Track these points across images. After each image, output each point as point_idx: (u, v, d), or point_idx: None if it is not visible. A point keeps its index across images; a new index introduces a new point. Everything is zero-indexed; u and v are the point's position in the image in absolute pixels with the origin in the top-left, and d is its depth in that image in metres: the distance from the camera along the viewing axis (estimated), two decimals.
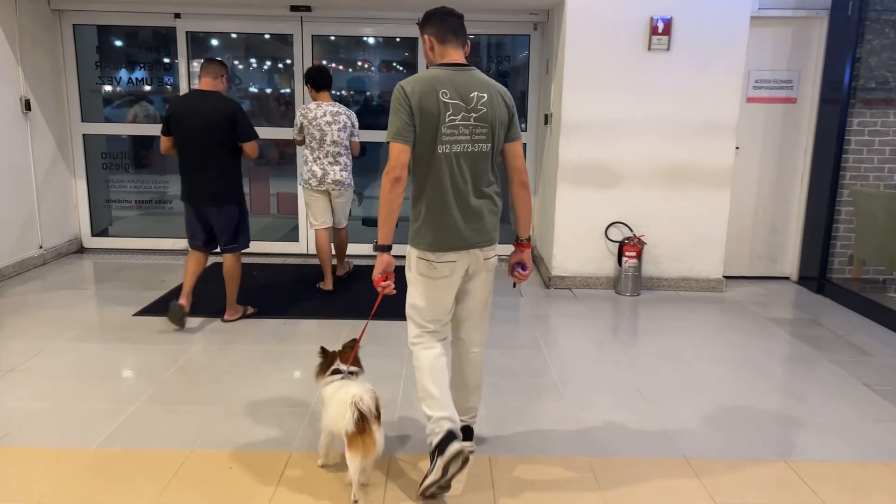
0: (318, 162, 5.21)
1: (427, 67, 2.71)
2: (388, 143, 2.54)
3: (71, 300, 5.17)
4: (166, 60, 6.69)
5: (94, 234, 6.82)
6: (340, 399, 2.53)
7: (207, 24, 6.46)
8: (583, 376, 3.91)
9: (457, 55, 2.66)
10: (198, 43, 6.66)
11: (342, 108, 5.25)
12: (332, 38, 6.81)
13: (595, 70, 5.40)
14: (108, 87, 6.78)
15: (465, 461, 2.49)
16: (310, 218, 5.48)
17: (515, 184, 2.77)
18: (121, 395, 3.55)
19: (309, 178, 5.26)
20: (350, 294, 5.46)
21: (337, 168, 5.24)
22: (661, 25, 5.30)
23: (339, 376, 2.66)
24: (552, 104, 5.90)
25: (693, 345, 4.46)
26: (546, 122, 5.98)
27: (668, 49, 5.34)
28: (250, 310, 4.95)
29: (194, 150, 4.37)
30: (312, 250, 6.22)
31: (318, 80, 5.23)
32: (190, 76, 6.50)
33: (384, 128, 2.60)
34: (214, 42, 6.85)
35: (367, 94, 7.32)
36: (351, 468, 2.48)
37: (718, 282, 5.70)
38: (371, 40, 6.77)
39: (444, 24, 2.66)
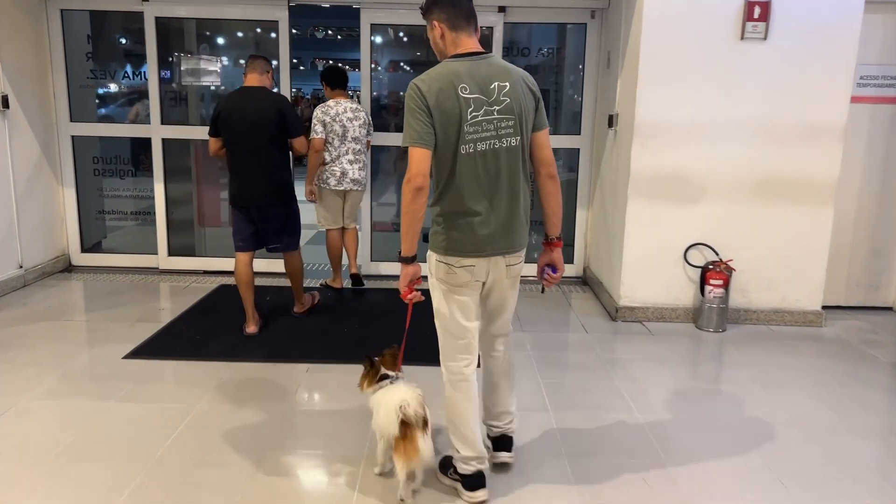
0: (339, 161, 5.09)
1: (439, 59, 2.50)
2: (405, 148, 2.34)
3: (51, 335, 4.32)
4: (170, 53, 5.85)
5: (84, 250, 5.98)
6: (388, 404, 2.49)
7: (176, 8, 5.59)
8: (693, 452, 3.04)
9: (471, 42, 2.47)
10: (175, 34, 5.82)
11: (359, 106, 5.26)
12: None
13: (676, 63, 4.52)
14: (106, 83, 5.94)
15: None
16: (320, 218, 5.34)
17: (543, 177, 2.57)
18: (94, 492, 2.68)
19: (328, 177, 5.14)
20: (377, 320, 4.59)
21: (356, 167, 5.19)
22: (757, 10, 4.42)
23: (388, 381, 2.61)
24: (618, 103, 5.02)
25: (815, 403, 3.58)
26: (610, 125, 5.10)
27: (764, 38, 4.46)
28: (317, 297, 4.99)
29: (246, 150, 4.22)
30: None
31: (335, 79, 5.22)
32: (159, 70, 5.61)
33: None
34: (193, 31, 6.02)
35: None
36: (397, 470, 2.48)
37: (817, 315, 4.81)
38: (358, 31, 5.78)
39: (455, 7, 2.45)
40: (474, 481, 2.57)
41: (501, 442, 2.80)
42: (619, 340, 4.49)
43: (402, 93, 6.05)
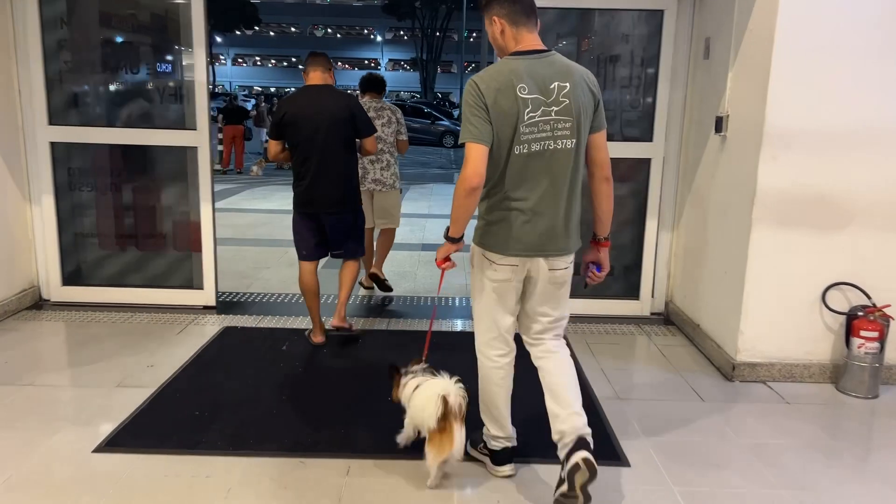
0: (359, 160, 4.61)
1: (498, 56, 2.51)
2: (462, 144, 2.35)
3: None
4: (169, 44, 4.80)
5: (60, 283, 4.88)
6: (426, 392, 2.55)
7: None
8: None
9: (532, 39, 2.44)
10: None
11: (386, 104, 5.22)
12: None
13: (823, 52, 3.47)
14: (85, 78, 4.87)
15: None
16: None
17: (598, 179, 2.56)
18: None
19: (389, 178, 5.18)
20: None
21: (378, 167, 5.11)
22: None
23: (412, 374, 2.69)
24: (728, 102, 3.97)
25: None
26: (718, 130, 4.04)
27: None
28: (355, 328, 4.52)
29: (317, 153, 3.99)
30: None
31: (368, 86, 5.26)
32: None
33: None
34: None
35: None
36: (429, 461, 2.53)
37: None
38: None
39: (516, 3, 2.42)
40: (503, 457, 2.74)
41: (579, 443, 2.42)
42: (749, 413, 3.43)
43: None
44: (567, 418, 2.47)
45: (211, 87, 5.14)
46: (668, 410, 3.43)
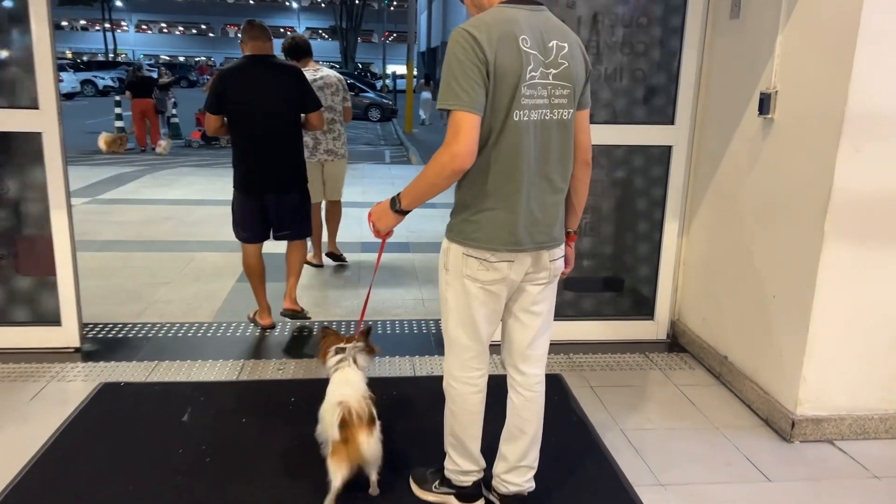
0: (307, 132, 4.44)
1: (471, 13, 2.07)
2: (447, 113, 1.89)
3: None
4: None
5: None
6: (329, 400, 2.34)
7: None
8: None
9: None
10: None
11: (330, 71, 5.02)
12: None
13: None
14: None
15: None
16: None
17: (579, 162, 2.19)
18: None
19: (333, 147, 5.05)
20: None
21: (330, 136, 5.00)
22: None
23: (340, 357, 2.47)
24: (775, 75, 3.01)
25: None
26: (763, 111, 3.08)
27: None
28: (308, 313, 4.16)
29: (260, 130, 3.72)
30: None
31: (297, 53, 4.91)
32: None
33: None
34: None
35: None
36: (331, 476, 2.22)
37: None
38: None
39: None
40: (472, 493, 2.37)
41: (515, 501, 2.29)
42: (835, 497, 2.52)
43: None
44: (515, 469, 2.30)
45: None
46: (726, 498, 2.49)
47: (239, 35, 4.05)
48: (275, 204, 3.83)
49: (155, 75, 14.88)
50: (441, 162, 1.90)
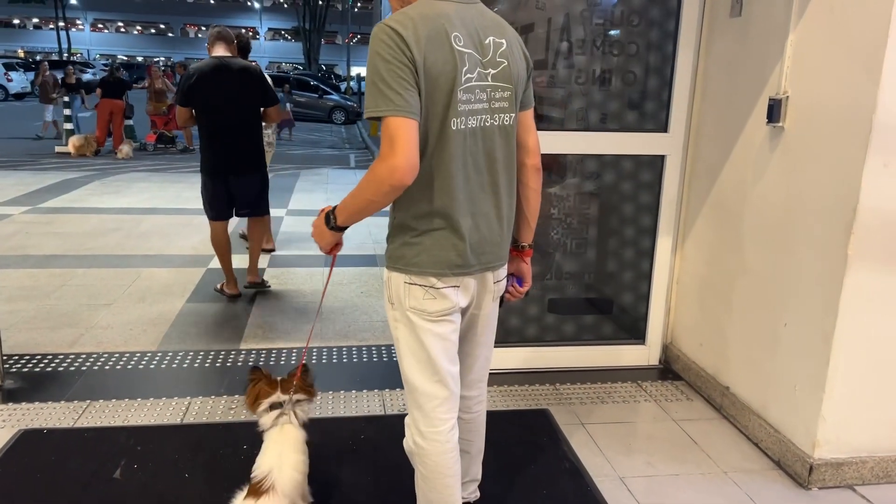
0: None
1: (395, 7, 1.78)
2: (378, 120, 1.63)
3: None
4: None
5: None
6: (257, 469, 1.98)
7: None
8: None
9: None
10: None
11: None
12: None
13: None
14: None
15: None
16: None
17: (529, 169, 1.97)
18: None
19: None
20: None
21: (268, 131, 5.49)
22: None
23: (278, 412, 2.12)
24: (786, 79, 2.72)
25: None
26: (772, 118, 2.77)
27: None
28: (269, 283, 4.74)
29: (226, 121, 4.26)
30: None
31: (246, 48, 4.99)
32: None
33: None
34: None
35: None
36: None
37: None
38: None
39: None
40: None
41: None
42: None
43: None
44: (461, 484, 2.04)
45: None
46: None
47: (199, 35, 4.85)
48: (237, 185, 4.38)
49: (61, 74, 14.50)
50: (379, 177, 1.62)
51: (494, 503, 2.42)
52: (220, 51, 4.33)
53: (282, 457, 2.02)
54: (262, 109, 4.41)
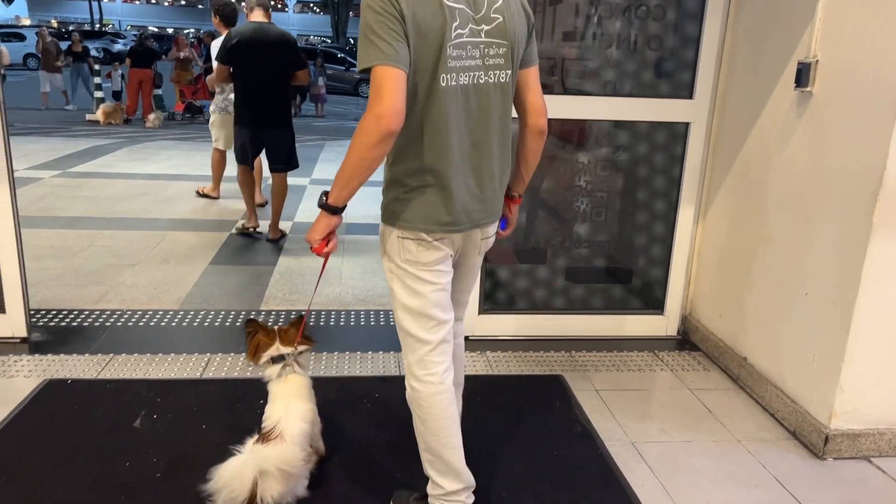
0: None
1: None
2: (367, 70, 1.62)
3: None
4: None
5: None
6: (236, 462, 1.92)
7: None
8: None
9: None
10: None
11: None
12: None
13: None
14: None
15: None
16: (216, 138, 5.96)
17: (532, 131, 1.95)
18: None
19: (226, 104, 5.68)
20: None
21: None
22: None
23: (279, 362, 2.14)
24: (816, 42, 2.64)
25: None
26: (800, 83, 2.70)
27: None
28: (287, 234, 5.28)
29: (263, 80, 4.72)
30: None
31: (231, 17, 5.42)
32: None
33: None
34: None
35: None
36: None
37: None
38: None
39: None
40: None
41: None
42: None
43: None
44: None
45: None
46: None
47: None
48: (269, 139, 4.90)
49: (66, 45, 14.57)
50: (366, 129, 1.61)
51: (504, 463, 2.43)
52: (258, 16, 4.76)
53: (289, 407, 2.05)
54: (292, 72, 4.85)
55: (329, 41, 40.41)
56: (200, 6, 57.62)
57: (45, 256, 4.50)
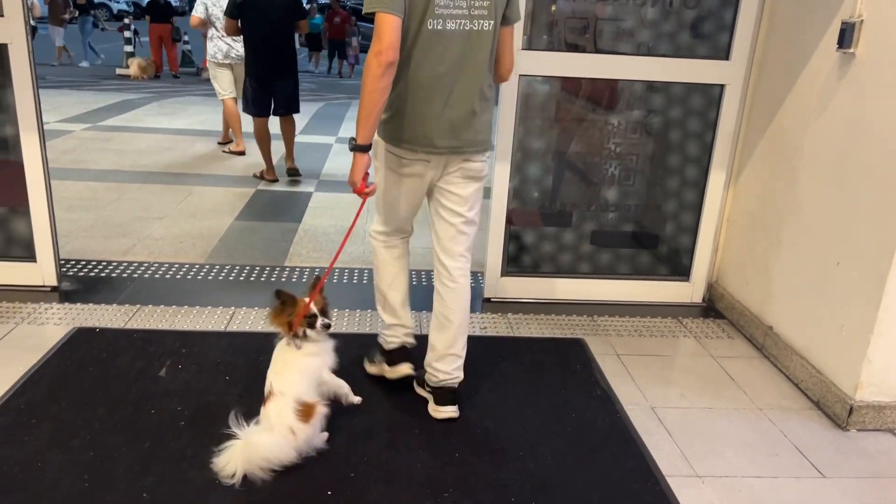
0: (224, 38, 5.85)
1: None
2: (371, 14, 2.02)
3: None
4: None
5: None
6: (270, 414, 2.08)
7: None
8: None
9: None
10: None
11: None
12: None
13: None
14: None
15: (415, 382, 2.52)
16: (218, 89, 6.16)
17: (496, 79, 2.32)
18: None
19: (215, 52, 6.01)
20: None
21: (239, 45, 5.70)
22: None
23: (308, 335, 2.19)
24: (859, 3, 2.53)
25: None
26: (844, 44, 2.59)
27: None
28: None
29: (271, 31, 5.07)
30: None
31: None
32: None
33: None
34: None
35: None
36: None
37: None
38: None
39: None
40: (397, 355, 2.53)
41: (445, 395, 2.41)
42: None
43: None
44: (444, 357, 2.38)
45: None
46: (781, 500, 2.15)
47: None
48: (276, 87, 5.25)
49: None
50: (370, 66, 2.01)
51: (521, 420, 2.44)
52: None
53: (285, 364, 2.18)
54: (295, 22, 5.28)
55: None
56: None
57: (75, 208, 4.57)
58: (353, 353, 2.79)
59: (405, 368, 2.50)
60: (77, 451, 2.15)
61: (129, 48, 13.11)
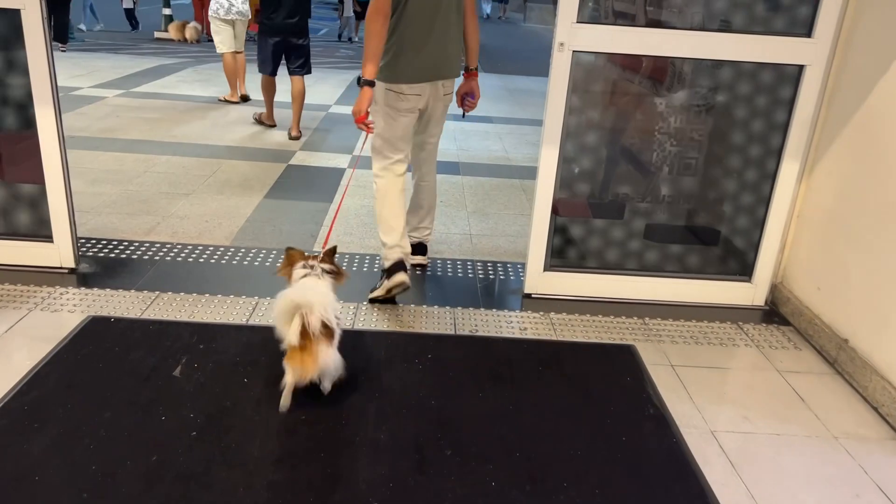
0: None
1: None
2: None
3: None
4: None
5: None
6: (289, 298, 2.18)
7: None
8: None
9: None
10: None
11: None
12: None
13: None
14: None
15: (407, 288, 2.96)
16: (217, 44, 6.61)
17: (468, 16, 2.98)
18: None
19: (217, 8, 6.38)
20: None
21: (240, 1, 6.42)
22: None
23: (307, 271, 2.36)
24: None
25: None
26: None
27: None
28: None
29: None
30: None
31: None
32: None
33: None
34: None
35: None
36: (287, 376, 2.19)
37: None
38: None
39: None
40: (395, 268, 2.93)
41: (419, 248, 3.37)
42: None
43: None
44: (417, 228, 3.35)
45: None
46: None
47: None
48: (291, 48, 5.65)
49: None
50: (370, 15, 2.67)
51: (565, 444, 2.20)
52: None
53: (304, 285, 2.29)
54: None
55: None
56: None
57: (100, 181, 4.41)
58: (382, 355, 2.56)
59: (402, 276, 2.91)
60: (78, 464, 1.98)
61: (167, 11, 12.94)
